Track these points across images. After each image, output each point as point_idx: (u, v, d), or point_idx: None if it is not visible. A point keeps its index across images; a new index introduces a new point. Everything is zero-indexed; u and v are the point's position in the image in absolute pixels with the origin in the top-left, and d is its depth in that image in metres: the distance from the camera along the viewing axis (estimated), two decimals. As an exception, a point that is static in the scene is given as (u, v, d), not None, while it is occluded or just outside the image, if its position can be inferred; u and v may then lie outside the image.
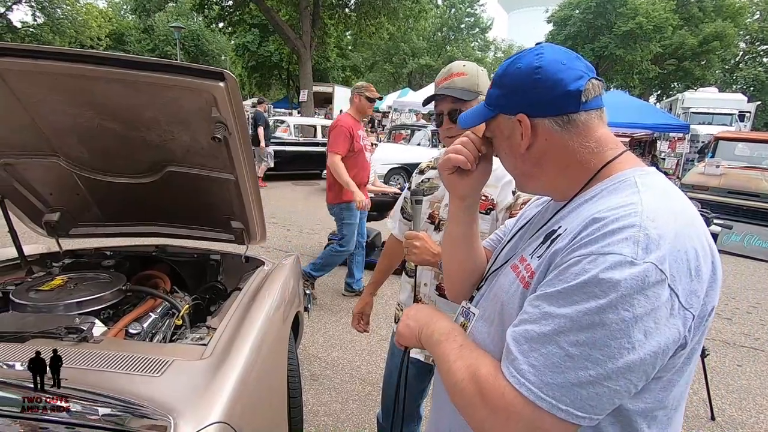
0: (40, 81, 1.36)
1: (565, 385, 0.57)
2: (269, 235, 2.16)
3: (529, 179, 0.80)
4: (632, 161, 0.73)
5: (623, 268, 0.57)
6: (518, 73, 0.74)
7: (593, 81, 0.72)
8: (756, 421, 2.70)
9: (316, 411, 2.51)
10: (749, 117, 16.89)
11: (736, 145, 7.93)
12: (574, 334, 0.58)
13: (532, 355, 0.60)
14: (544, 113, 0.72)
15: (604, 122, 0.75)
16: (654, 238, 0.58)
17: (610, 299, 0.56)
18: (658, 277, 0.56)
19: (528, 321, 0.63)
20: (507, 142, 0.78)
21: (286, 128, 11.00)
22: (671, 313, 0.57)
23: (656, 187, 0.67)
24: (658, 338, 0.57)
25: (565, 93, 0.70)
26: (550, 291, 0.62)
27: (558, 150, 0.74)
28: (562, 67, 0.71)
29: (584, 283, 0.58)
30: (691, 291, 0.59)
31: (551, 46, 0.76)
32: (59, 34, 25.24)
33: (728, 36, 25.88)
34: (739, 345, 3.69)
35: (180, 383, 1.10)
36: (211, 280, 2.22)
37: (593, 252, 0.60)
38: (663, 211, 0.62)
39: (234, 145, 1.51)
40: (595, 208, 0.66)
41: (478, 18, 35.95)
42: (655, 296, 0.56)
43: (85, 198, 1.95)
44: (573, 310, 0.58)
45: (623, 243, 0.58)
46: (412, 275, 1.60)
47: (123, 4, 36.43)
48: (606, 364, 0.56)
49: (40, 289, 1.57)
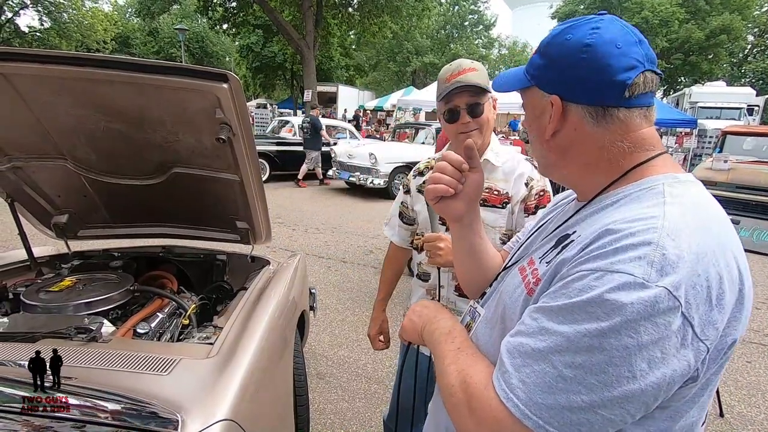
0: (48, 85, 1.38)
1: (555, 407, 0.54)
2: (274, 234, 2.17)
3: (553, 168, 0.74)
4: (668, 166, 0.65)
5: (631, 291, 0.51)
6: (566, 45, 0.65)
7: (647, 74, 0.63)
8: (766, 417, 2.67)
9: (323, 409, 2.53)
10: (758, 111, 16.68)
11: (744, 140, 7.85)
12: (570, 356, 0.54)
13: (524, 371, 0.56)
14: (579, 99, 0.65)
15: (650, 122, 0.67)
16: (671, 259, 0.52)
17: (613, 323, 0.51)
18: (670, 303, 0.51)
19: (524, 333, 0.59)
20: (536, 122, 0.71)
21: (290, 128, 11.04)
22: (682, 344, 0.52)
23: (687, 199, 0.60)
24: (664, 369, 0.52)
25: (609, 82, 0.62)
26: (550, 305, 0.58)
27: (585, 144, 0.67)
28: (615, 51, 0.62)
29: (587, 301, 0.53)
30: (709, 321, 0.53)
31: (613, 20, 0.66)
32: (66, 38, 25.51)
33: (736, 29, 25.52)
34: (749, 341, 3.65)
35: (187, 381, 1.12)
36: (217, 279, 2.24)
37: (601, 268, 0.54)
38: (688, 228, 0.55)
39: (238, 146, 1.53)
40: (613, 217, 0.60)
41: (482, 15, 35.77)
42: (665, 324, 0.51)
43: (93, 200, 1.97)
44: (572, 330, 0.54)
45: (635, 262, 0.52)
46: (426, 279, 1.55)
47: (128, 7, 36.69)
48: (601, 392, 0.52)
49: (49, 290, 1.59)
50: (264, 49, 27.49)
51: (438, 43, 34.11)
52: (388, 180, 8.74)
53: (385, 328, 1.77)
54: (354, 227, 6.69)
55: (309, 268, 4.57)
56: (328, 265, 4.96)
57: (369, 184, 8.72)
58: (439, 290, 1.49)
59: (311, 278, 4.28)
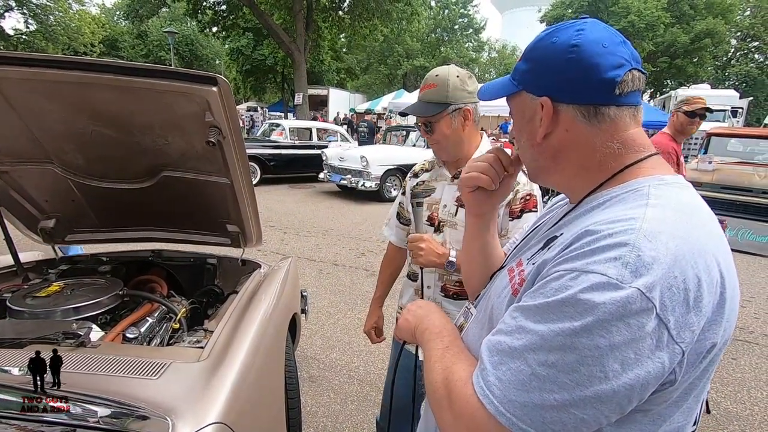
0: (35, 88, 1.37)
1: (528, 405, 0.54)
2: (266, 238, 2.17)
3: (543, 172, 0.74)
4: (657, 168, 0.65)
5: (604, 291, 0.52)
6: (552, 48, 0.66)
7: (634, 72, 0.64)
8: (751, 413, 2.72)
9: (315, 412, 2.52)
10: (741, 113, 17.03)
11: (728, 141, 8.00)
12: (544, 354, 0.54)
13: (501, 368, 0.57)
14: (570, 99, 0.65)
15: (638, 122, 0.67)
16: (646, 260, 0.52)
17: (585, 323, 0.52)
18: (643, 305, 0.51)
19: (503, 332, 0.60)
20: (527, 126, 0.71)
21: (281, 131, 11.01)
22: (657, 346, 0.52)
23: (670, 201, 0.60)
24: (638, 371, 0.52)
25: (599, 81, 0.63)
26: (528, 304, 0.59)
27: (577, 145, 0.67)
28: (601, 51, 0.63)
29: (562, 301, 0.54)
30: (686, 324, 0.53)
31: (596, 23, 0.67)
32: (52, 40, 25.20)
33: (719, 33, 26.06)
34: (734, 338, 3.72)
35: (178, 385, 1.11)
36: (207, 283, 2.23)
37: (577, 268, 0.55)
38: (667, 230, 0.55)
39: (228, 149, 1.53)
40: (595, 218, 0.61)
41: (472, 19, 36.06)
42: (638, 325, 0.51)
43: (81, 204, 1.95)
44: (546, 329, 0.54)
45: (610, 263, 0.53)
46: (414, 278, 1.58)
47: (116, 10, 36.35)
48: (573, 391, 0.52)
49: (37, 295, 1.58)
50: (254, 52, 27.40)
51: (428, 47, 34.32)
52: (380, 183, 8.74)
53: (380, 325, 1.82)
54: (346, 230, 6.68)
55: (300, 271, 4.56)
56: (319, 268, 4.95)
57: (360, 187, 8.71)
58: (422, 290, 1.52)
59: (303, 281, 4.27)
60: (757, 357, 3.42)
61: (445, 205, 1.48)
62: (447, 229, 1.46)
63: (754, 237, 6.32)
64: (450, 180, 1.50)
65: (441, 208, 1.49)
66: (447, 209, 1.47)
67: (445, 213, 1.48)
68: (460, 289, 1.46)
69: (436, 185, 1.53)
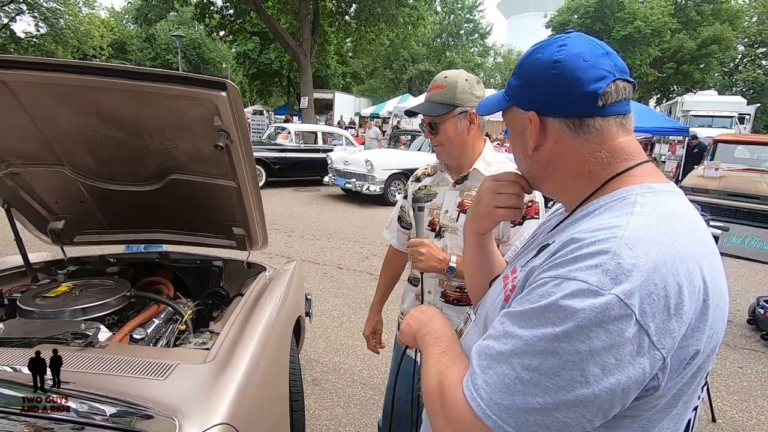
0: (47, 92, 1.39)
1: (513, 408, 0.56)
2: (271, 241, 2.18)
3: (538, 181, 0.77)
4: (646, 176, 0.66)
5: (585, 298, 0.53)
6: (537, 64, 0.69)
7: (618, 83, 0.66)
8: (757, 422, 2.70)
9: (318, 415, 2.52)
10: (749, 119, 16.92)
11: (735, 148, 7.96)
12: (528, 359, 0.56)
13: (489, 372, 0.59)
14: (555, 113, 0.68)
15: (627, 130, 0.68)
16: (626, 268, 0.53)
17: (566, 328, 0.53)
18: (621, 311, 0.52)
19: (492, 337, 0.62)
20: (520, 139, 0.74)
21: (287, 135, 11.08)
22: (638, 352, 0.53)
23: (657, 209, 0.60)
24: (619, 376, 0.53)
25: (582, 94, 0.65)
26: (515, 310, 0.60)
27: (567, 156, 0.69)
28: (583, 65, 0.65)
29: (545, 307, 0.56)
30: (666, 331, 0.53)
31: (579, 37, 0.69)
32: (62, 44, 25.52)
33: (726, 39, 25.96)
34: (740, 347, 3.69)
35: (184, 386, 1.13)
36: (213, 285, 2.25)
37: (560, 275, 0.57)
38: (649, 238, 0.56)
39: (236, 153, 1.54)
40: (582, 226, 0.62)
41: (477, 24, 36.18)
42: (618, 331, 0.52)
43: (90, 206, 1.98)
44: (530, 334, 0.56)
45: (591, 270, 0.54)
46: (415, 283, 1.58)
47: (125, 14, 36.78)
48: (555, 394, 0.54)
49: (46, 295, 1.60)
50: (261, 56, 27.62)
51: (434, 51, 34.44)
52: (384, 186, 8.77)
53: (379, 329, 1.81)
54: (350, 234, 6.70)
55: (305, 275, 4.57)
56: (324, 272, 4.96)
57: (365, 191, 8.74)
58: (422, 295, 1.51)
59: (307, 284, 4.28)
60: (764, 366, 3.39)
61: (447, 211, 1.48)
62: (448, 235, 1.46)
63: (762, 245, 6.26)
64: (452, 185, 1.49)
65: (442, 214, 1.49)
66: (448, 214, 1.47)
67: (446, 218, 1.47)
68: (460, 295, 1.46)
69: (438, 190, 1.53)
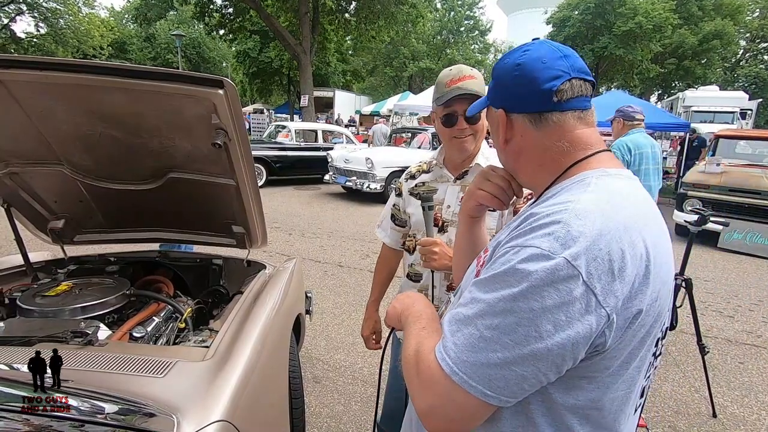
0: (46, 91, 1.40)
1: (477, 364, 0.62)
2: (271, 239, 2.18)
3: (516, 174, 0.85)
4: (603, 162, 0.74)
5: (538, 261, 0.60)
6: (504, 67, 0.78)
7: (573, 82, 0.73)
8: (758, 418, 2.70)
9: (319, 413, 2.53)
10: (751, 115, 16.83)
11: (737, 143, 7.92)
12: (490, 319, 0.62)
13: (457, 335, 0.65)
14: (519, 109, 0.76)
15: (587, 123, 0.76)
16: (574, 234, 0.60)
17: (522, 288, 0.60)
18: (569, 272, 0.58)
19: (462, 304, 0.68)
20: (495, 134, 0.83)
21: (287, 133, 11.07)
22: (586, 310, 0.59)
23: (606, 188, 0.68)
24: (569, 332, 0.59)
25: (538, 91, 0.73)
26: (481, 278, 0.67)
27: (532, 147, 0.77)
28: (540, 66, 0.73)
29: (504, 272, 0.63)
30: (611, 291, 0.60)
31: (542, 43, 0.77)
32: (62, 44, 25.48)
33: (728, 34, 25.80)
34: (741, 342, 3.68)
35: (183, 383, 1.13)
36: (213, 284, 2.25)
37: (518, 244, 0.64)
38: (596, 210, 0.63)
39: (234, 151, 1.55)
40: (543, 204, 0.70)
41: (478, 20, 36.01)
42: (567, 290, 0.58)
43: (89, 205, 1.99)
44: (492, 296, 0.63)
45: (544, 237, 0.62)
46: (417, 279, 1.57)
47: (124, 13, 36.74)
48: (513, 349, 0.60)
49: (46, 294, 1.60)
50: (261, 54, 27.57)
51: (434, 49, 34.31)
52: (385, 184, 8.75)
53: (378, 329, 1.80)
54: (350, 232, 6.70)
55: (305, 273, 4.58)
56: (324, 270, 4.97)
57: (365, 189, 8.74)
58: (432, 290, 1.51)
59: (308, 282, 4.29)
60: (765, 361, 3.39)
61: (449, 206, 1.48)
62: (451, 229, 1.46)
63: (763, 240, 6.25)
64: (453, 181, 1.50)
65: (444, 209, 1.49)
66: (451, 209, 1.48)
67: (449, 213, 1.48)
68: None
69: (438, 186, 1.53)
